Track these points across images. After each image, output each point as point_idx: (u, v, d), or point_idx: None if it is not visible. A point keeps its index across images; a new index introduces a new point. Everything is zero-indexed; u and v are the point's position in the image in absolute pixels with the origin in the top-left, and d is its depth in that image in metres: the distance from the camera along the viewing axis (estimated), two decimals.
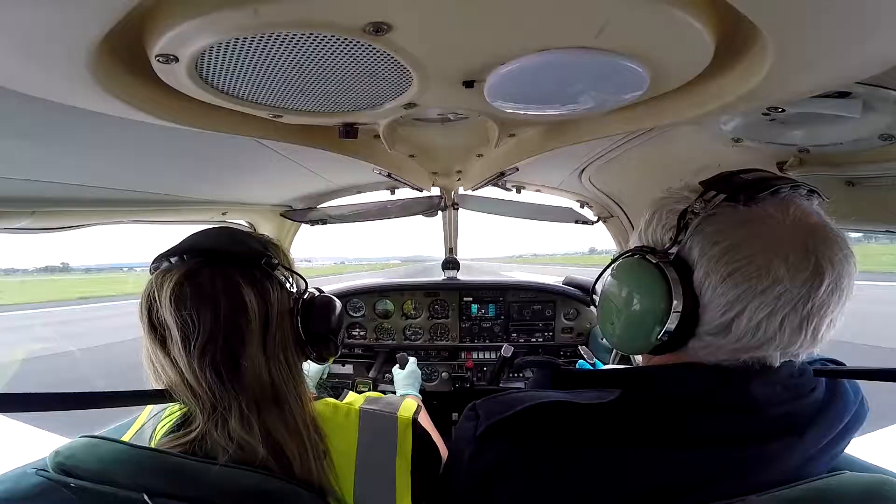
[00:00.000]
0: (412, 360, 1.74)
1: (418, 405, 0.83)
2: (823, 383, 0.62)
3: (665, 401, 0.58)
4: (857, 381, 0.68)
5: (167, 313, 0.67)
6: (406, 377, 1.65)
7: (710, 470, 0.54)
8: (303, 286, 0.82)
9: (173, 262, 0.72)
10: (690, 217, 0.57)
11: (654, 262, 0.58)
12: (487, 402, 0.66)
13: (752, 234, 0.53)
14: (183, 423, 0.72)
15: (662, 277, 0.57)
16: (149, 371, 0.73)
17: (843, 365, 0.69)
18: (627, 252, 0.64)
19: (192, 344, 0.67)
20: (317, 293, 0.83)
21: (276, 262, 0.76)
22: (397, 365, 1.73)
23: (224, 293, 0.69)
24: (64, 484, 0.62)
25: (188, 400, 0.70)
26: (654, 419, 0.57)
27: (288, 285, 0.78)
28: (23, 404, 0.67)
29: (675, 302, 0.55)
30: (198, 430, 0.69)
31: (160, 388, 0.73)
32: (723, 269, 0.53)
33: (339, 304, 0.85)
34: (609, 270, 0.67)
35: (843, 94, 0.70)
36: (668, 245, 0.58)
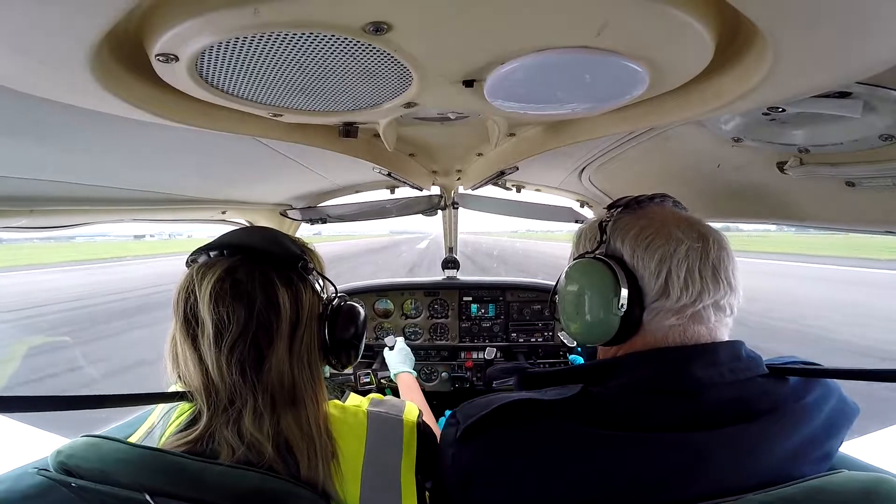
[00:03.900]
0: (399, 339, 1.78)
1: (420, 410, 0.84)
2: (790, 379, 0.68)
3: (618, 389, 0.65)
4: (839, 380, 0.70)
5: (205, 308, 0.68)
6: (397, 355, 1.67)
7: (668, 451, 0.59)
8: (332, 292, 0.83)
9: (212, 255, 0.73)
10: (606, 224, 0.75)
11: (592, 256, 0.74)
12: (464, 407, 0.73)
13: (648, 220, 0.71)
14: (191, 422, 0.72)
15: (604, 264, 0.70)
16: (169, 364, 0.74)
17: (819, 365, 0.72)
18: (572, 260, 0.79)
19: (224, 339, 0.68)
20: (345, 300, 0.84)
21: (312, 266, 0.78)
22: (387, 347, 1.76)
23: (261, 291, 0.70)
24: (65, 483, 0.62)
25: (203, 397, 0.70)
26: (610, 407, 0.63)
27: (319, 289, 0.80)
28: (31, 405, 0.68)
29: (620, 279, 0.68)
30: (206, 427, 0.70)
31: (175, 381, 0.74)
32: (642, 243, 0.69)
33: (363, 311, 0.86)
34: (561, 278, 0.80)
35: (843, 94, 0.70)
36: (596, 246, 0.75)
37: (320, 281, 0.81)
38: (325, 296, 0.81)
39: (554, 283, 0.81)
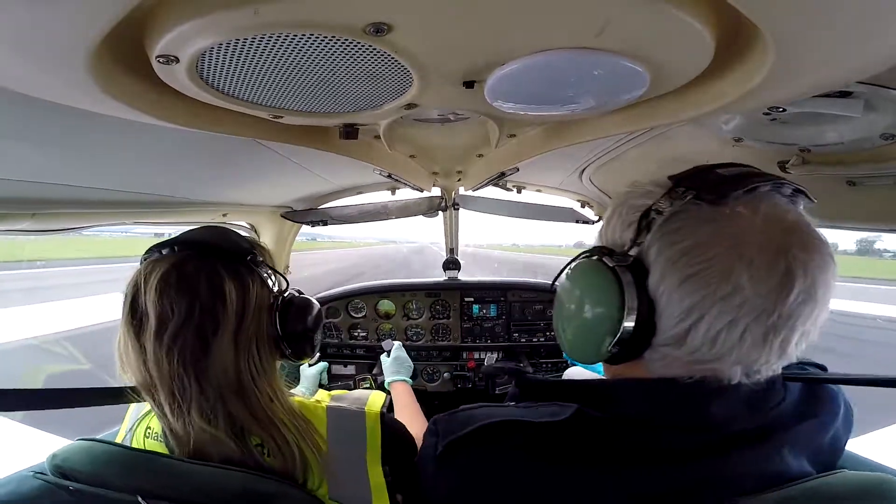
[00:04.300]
0: (396, 343, 1.76)
1: (387, 397, 0.84)
2: (796, 389, 0.59)
3: (619, 419, 0.55)
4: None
5: (150, 300, 0.68)
6: (391, 364, 1.66)
7: (670, 487, 0.52)
8: (284, 286, 0.83)
9: (164, 253, 0.74)
10: (654, 216, 0.52)
11: (610, 265, 0.53)
12: (445, 419, 0.66)
13: (715, 233, 0.48)
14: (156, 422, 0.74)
15: (616, 282, 0.52)
16: (118, 362, 0.74)
17: (825, 369, 0.67)
18: (585, 252, 0.60)
19: (166, 331, 0.68)
20: (296, 294, 0.85)
21: (261, 259, 0.78)
22: (385, 353, 1.75)
23: (205, 282, 0.71)
24: (63, 487, 0.62)
25: (148, 393, 0.70)
26: (606, 438, 0.54)
27: (270, 283, 0.80)
28: None
29: (627, 309, 0.51)
30: (165, 427, 0.71)
31: (126, 379, 0.73)
32: (679, 272, 0.49)
33: (317, 305, 0.87)
34: (565, 272, 0.62)
35: (844, 94, 0.70)
36: (627, 246, 0.54)
37: (272, 277, 0.81)
38: (275, 290, 0.82)
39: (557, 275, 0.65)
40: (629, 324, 0.52)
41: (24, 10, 0.40)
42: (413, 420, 1.28)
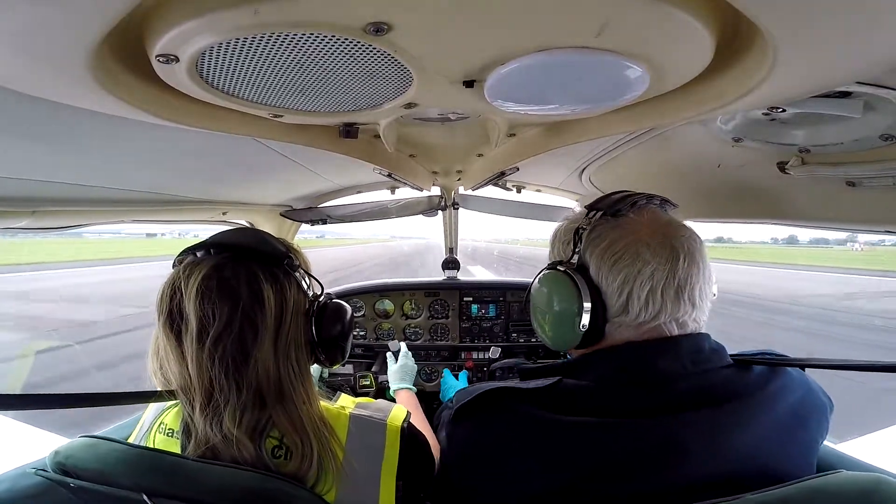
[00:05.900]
0: (402, 345, 1.81)
1: (408, 411, 0.84)
2: (756, 372, 0.72)
3: (591, 381, 0.70)
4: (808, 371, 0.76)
5: (191, 304, 0.68)
6: (397, 372, 1.68)
7: (634, 435, 0.64)
8: (318, 290, 0.83)
9: (199, 255, 0.74)
10: (581, 232, 0.75)
11: (562, 270, 0.76)
12: (458, 392, 0.81)
13: (621, 233, 0.72)
14: (179, 422, 0.73)
15: (571, 280, 0.73)
16: (152, 365, 0.74)
17: (786, 357, 0.76)
18: (545, 268, 0.81)
19: (208, 335, 0.68)
20: (331, 298, 0.84)
21: (297, 263, 0.78)
22: (390, 353, 1.78)
23: (246, 286, 0.71)
24: (63, 484, 0.62)
25: (185, 395, 0.70)
26: (581, 398, 0.69)
27: (305, 287, 0.80)
28: (21, 403, 0.67)
29: (583, 295, 0.71)
30: (191, 426, 0.70)
31: (157, 382, 0.74)
32: (608, 261, 0.71)
33: (350, 310, 0.87)
34: (534, 283, 0.83)
35: (843, 94, 0.70)
36: (569, 256, 0.76)
37: (307, 280, 0.81)
38: (311, 294, 0.81)
39: (528, 285, 0.86)
40: (587, 306, 0.71)
41: (25, 9, 0.40)
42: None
